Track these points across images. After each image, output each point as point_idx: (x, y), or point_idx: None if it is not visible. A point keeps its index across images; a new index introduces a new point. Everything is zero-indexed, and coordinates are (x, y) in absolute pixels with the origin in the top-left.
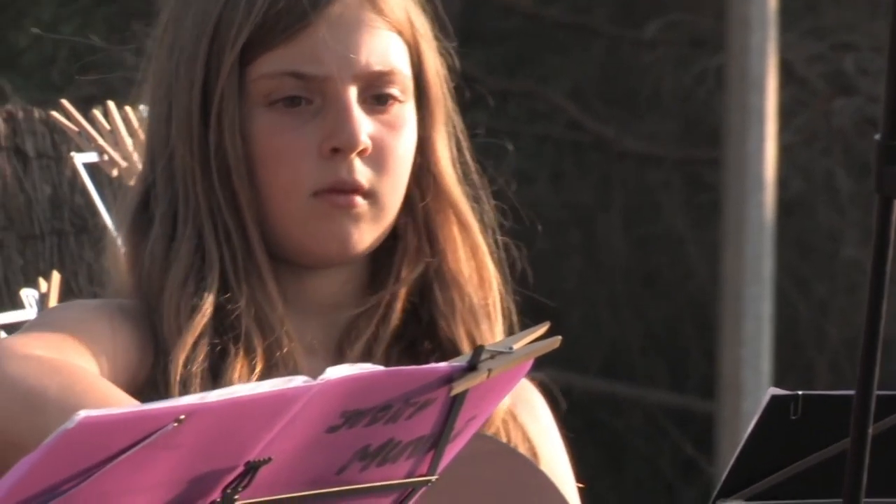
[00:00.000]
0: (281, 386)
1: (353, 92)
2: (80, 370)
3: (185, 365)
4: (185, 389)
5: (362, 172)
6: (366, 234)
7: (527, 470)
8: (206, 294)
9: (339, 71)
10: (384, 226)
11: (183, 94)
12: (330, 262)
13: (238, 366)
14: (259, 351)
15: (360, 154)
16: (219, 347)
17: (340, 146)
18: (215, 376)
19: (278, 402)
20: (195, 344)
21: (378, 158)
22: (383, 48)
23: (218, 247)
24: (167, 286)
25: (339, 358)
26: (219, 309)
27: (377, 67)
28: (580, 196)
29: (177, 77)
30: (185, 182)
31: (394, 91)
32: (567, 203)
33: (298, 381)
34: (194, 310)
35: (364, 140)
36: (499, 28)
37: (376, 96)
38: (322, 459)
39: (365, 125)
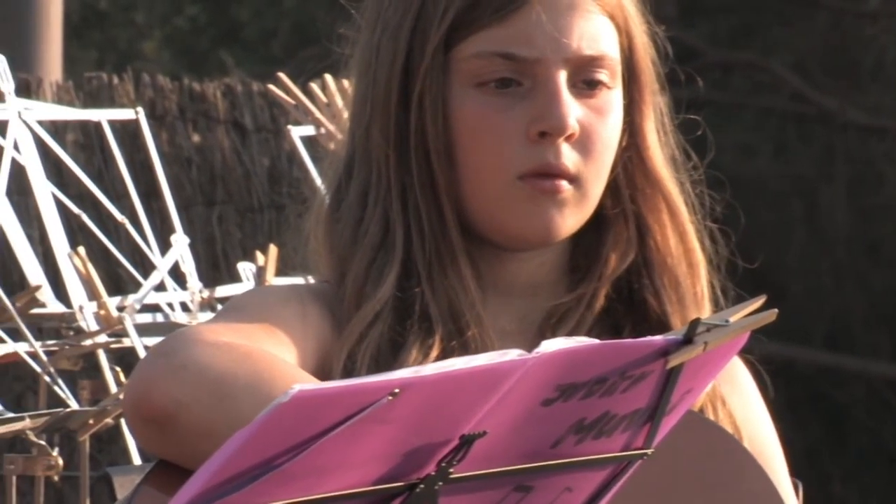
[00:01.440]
0: (496, 359)
1: (563, 76)
2: (270, 356)
3: (353, 351)
4: (350, 376)
5: (569, 157)
6: (568, 220)
7: (727, 445)
8: (386, 279)
9: (551, 54)
10: (587, 211)
11: (383, 72)
12: (530, 246)
13: (414, 351)
14: (437, 336)
15: (568, 139)
16: (396, 332)
17: (549, 130)
18: (388, 362)
19: (493, 375)
20: (367, 330)
21: (585, 143)
22: (595, 32)
23: (406, 231)
24: (351, 269)
25: (537, 343)
26: (400, 294)
27: (588, 52)
28: (803, 168)
29: (378, 54)
30: (379, 162)
31: (603, 76)
32: (790, 175)
33: (513, 354)
34: (373, 294)
35: (572, 125)
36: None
37: (586, 81)
38: (537, 433)
39: (574, 110)
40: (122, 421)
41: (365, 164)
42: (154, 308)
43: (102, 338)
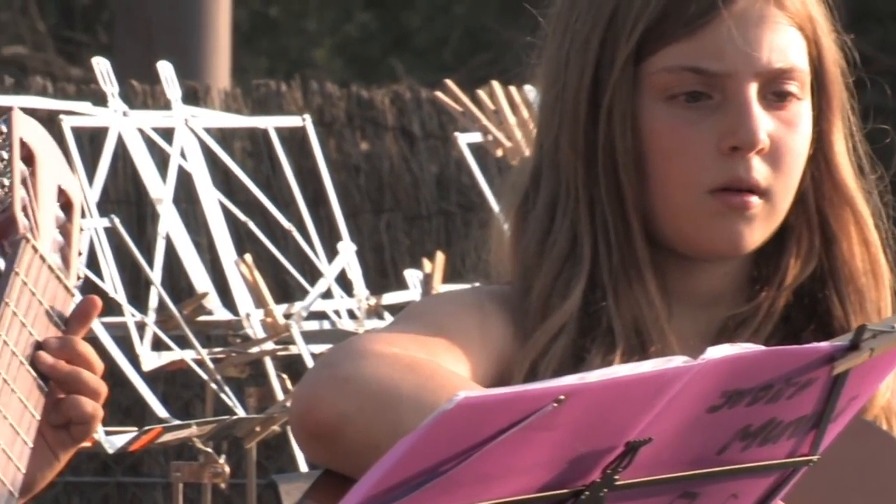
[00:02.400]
0: (662, 366)
1: (753, 89)
2: (434, 366)
3: (535, 363)
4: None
5: (759, 171)
6: (756, 233)
7: (892, 451)
8: (573, 292)
9: (741, 68)
10: (774, 223)
11: (572, 84)
12: (717, 259)
13: (597, 363)
14: (619, 351)
15: (758, 152)
16: (578, 346)
17: (740, 145)
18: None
19: (659, 382)
20: (551, 342)
21: (775, 157)
22: (784, 45)
23: (593, 243)
24: (537, 281)
25: None
26: (585, 307)
27: (778, 65)
28: None
29: (567, 66)
30: (567, 174)
31: (793, 88)
32: None
33: (679, 360)
34: (560, 307)
35: (763, 139)
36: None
37: (776, 93)
38: (702, 439)
39: (764, 123)
40: (289, 428)
41: (553, 176)
42: (321, 315)
43: (269, 345)
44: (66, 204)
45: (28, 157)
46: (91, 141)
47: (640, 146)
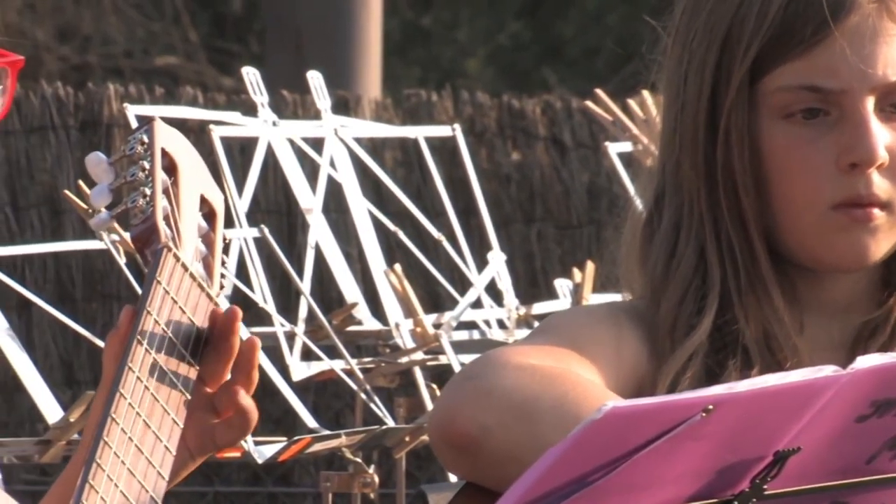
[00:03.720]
0: (811, 376)
1: (870, 104)
2: (576, 377)
3: (674, 382)
4: None
5: (879, 185)
6: (882, 244)
7: None
8: (704, 314)
9: (856, 84)
10: None
11: (690, 106)
12: (843, 272)
13: (734, 380)
14: (756, 370)
15: (878, 167)
16: (713, 364)
17: (858, 161)
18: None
19: (808, 391)
20: (687, 362)
21: (894, 169)
22: None
23: (720, 265)
24: (664, 302)
25: (851, 359)
26: (716, 328)
27: (894, 78)
28: None
29: (685, 85)
30: (689, 195)
31: None
32: None
33: (828, 370)
34: (691, 329)
35: (882, 155)
36: None
37: (894, 104)
38: (850, 449)
39: (882, 137)
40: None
41: (676, 196)
42: (470, 325)
43: (419, 355)
44: (208, 213)
45: (170, 167)
46: (242, 151)
47: (760, 166)
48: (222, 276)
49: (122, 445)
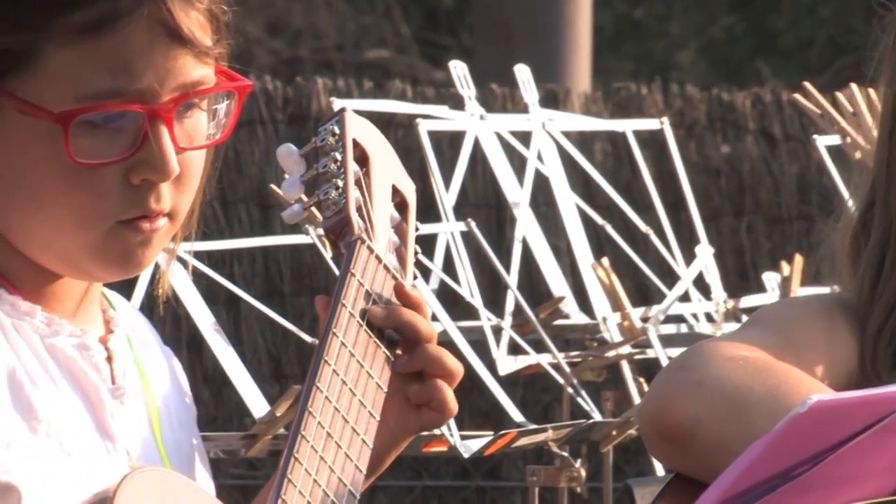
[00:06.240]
0: None
1: None
2: (786, 368)
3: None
4: None
5: None
6: None
7: None
8: None
9: None
10: None
11: (885, 131)
12: None
13: None
14: None
15: None
16: None
17: None
18: None
19: None
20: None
21: None
22: None
23: None
24: (870, 320)
25: None
26: None
27: None
28: None
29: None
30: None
31: None
32: None
33: None
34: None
35: None
36: None
37: None
38: None
39: None
40: None
41: (884, 219)
42: (678, 319)
43: (626, 349)
44: (400, 203)
45: (361, 158)
46: (450, 144)
47: None
48: (425, 269)
49: (319, 439)
